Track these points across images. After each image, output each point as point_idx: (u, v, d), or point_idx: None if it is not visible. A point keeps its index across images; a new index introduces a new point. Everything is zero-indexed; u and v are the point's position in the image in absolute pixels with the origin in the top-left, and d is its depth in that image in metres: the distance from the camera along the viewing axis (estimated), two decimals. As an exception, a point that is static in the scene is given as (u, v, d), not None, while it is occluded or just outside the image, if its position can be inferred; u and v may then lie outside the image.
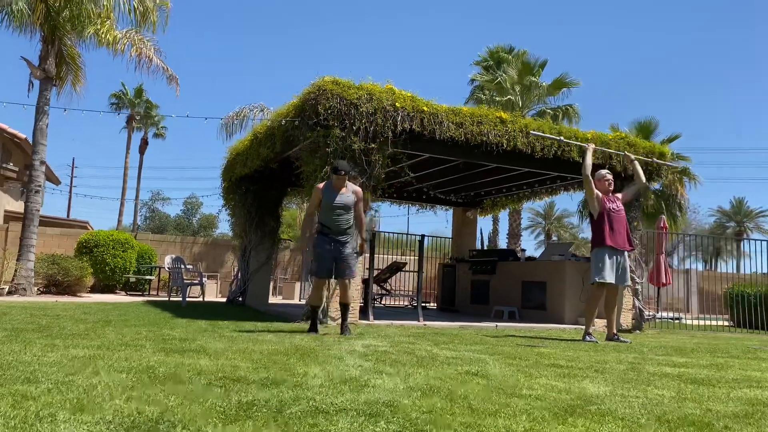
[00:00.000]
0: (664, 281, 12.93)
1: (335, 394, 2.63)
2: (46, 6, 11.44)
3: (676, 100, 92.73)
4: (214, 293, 15.35)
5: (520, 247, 19.72)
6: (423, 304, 10.42)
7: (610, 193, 6.77)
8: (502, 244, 23.31)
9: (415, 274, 10.02)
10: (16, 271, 11.23)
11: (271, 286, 13.58)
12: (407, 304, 13.77)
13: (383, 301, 13.31)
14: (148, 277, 14.60)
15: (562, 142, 7.01)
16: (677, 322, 12.05)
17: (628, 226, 6.73)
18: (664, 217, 14.00)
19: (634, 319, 9.01)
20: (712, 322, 12.11)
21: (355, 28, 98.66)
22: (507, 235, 22.00)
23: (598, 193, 6.64)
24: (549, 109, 20.75)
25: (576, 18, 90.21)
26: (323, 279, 5.73)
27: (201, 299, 11.90)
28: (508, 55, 21.79)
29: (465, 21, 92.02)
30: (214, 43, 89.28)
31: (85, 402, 2.26)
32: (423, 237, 8.67)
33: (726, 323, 12.91)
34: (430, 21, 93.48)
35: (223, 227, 51.45)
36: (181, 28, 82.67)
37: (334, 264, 5.69)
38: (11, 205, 22.13)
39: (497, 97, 20.44)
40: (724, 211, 49.99)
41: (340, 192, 5.68)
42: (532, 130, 7.17)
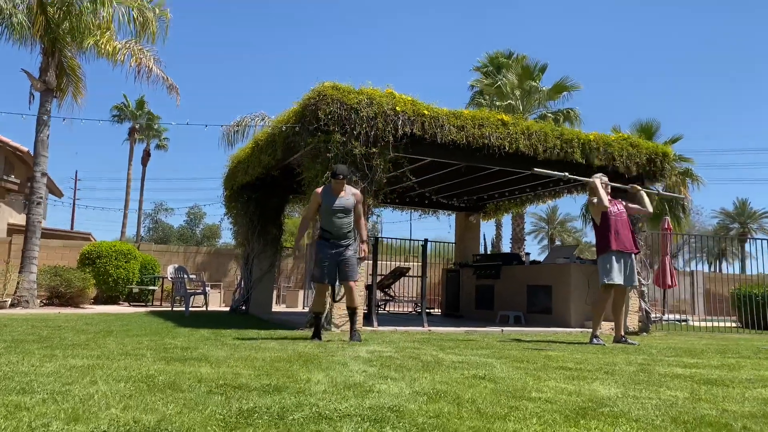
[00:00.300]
0: (670, 283, 12.84)
1: (339, 399, 2.55)
2: (46, 18, 11.44)
3: (679, 102, 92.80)
4: (217, 302, 15.28)
5: (524, 251, 19.62)
6: (427, 310, 10.34)
7: (608, 195, 6.68)
8: (506, 248, 23.22)
9: (418, 279, 9.94)
10: (18, 283, 11.17)
11: (274, 294, 13.50)
12: (411, 310, 13.67)
13: (387, 308, 13.22)
14: (151, 287, 14.54)
15: (567, 178, 6.95)
16: (684, 323, 11.94)
17: (632, 228, 6.64)
18: (668, 218, 13.91)
19: (640, 321, 8.91)
20: (719, 323, 11.99)
21: (355, 37, 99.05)
22: (510, 239, 21.90)
23: (608, 208, 6.47)
24: (550, 113, 20.68)
25: (576, 21, 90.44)
26: (325, 284, 5.67)
27: (204, 309, 11.84)
28: (508, 60, 21.74)
29: (463, 27, 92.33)
30: (215, 52, 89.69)
31: (80, 412, 2.19)
32: (426, 242, 8.59)
33: (733, 324, 12.78)
34: (429, 28, 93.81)
35: (226, 236, 51.38)
36: (181, 38, 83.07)
37: (336, 268, 5.63)
38: (14, 218, 22.12)
39: (497, 102, 20.38)
40: (727, 213, 49.88)
41: (339, 196, 5.64)
42: (538, 163, 6.99)
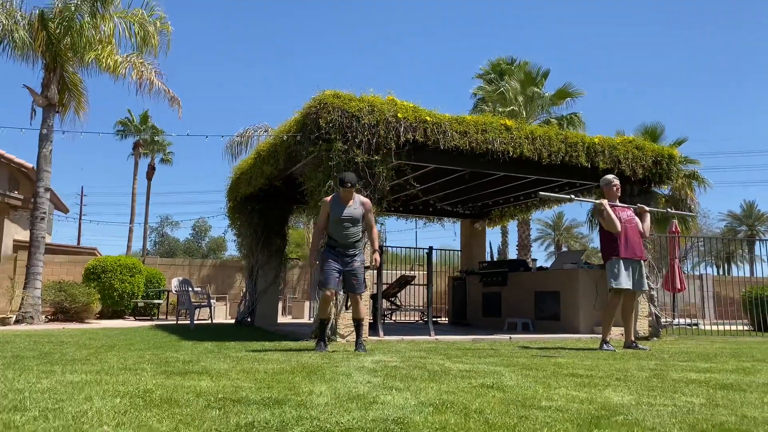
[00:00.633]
0: (679, 287, 12.68)
1: (341, 412, 2.46)
2: (47, 34, 11.47)
3: (684, 104, 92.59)
4: (223, 315, 15.19)
5: (531, 257, 19.48)
6: (434, 319, 10.22)
7: (617, 199, 6.58)
8: (512, 255, 23.07)
9: (425, 288, 9.84)
10: (23, 299, 11.13)
11: (280, 305, 13.41)
12: (418, 319, 13.55)
13: (393, 317, 13.11)
14: (157, 301, 14.47)
15: (575, 200, 6.87)
16: (695, 327, 11.77)
17: (640, 234, 6.51)
18: (675, 221, 13.77)
19: (651, 326, 8.77)
20: (730, 327, 11.81)
21: (356, 48, 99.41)
22: (517, 246, 21.78)
23: (617, 224, 6.33)
24: (553, 119, 20.60)
25: (577, 25, 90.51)
26: (330, 291, 5.56)
27: (210, 321, 11.75)
28: (510, 67, 21.71)
29: (465, 36, 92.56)
30: (217, 65, 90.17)
31: (71, 429, 2.10)
32: (431, 249, 8.50)
33: (745, 327, 12.59)
34: (430, 37, 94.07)
35: (232, 248, 51.46)
36: (184, 51, 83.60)
37: (342, 277, 5.55)
38: (20, 234, 22.09)
39: (500, 109, 20.32)
40: (735, 215, 49.58)
41: (348, 205, 5.56)
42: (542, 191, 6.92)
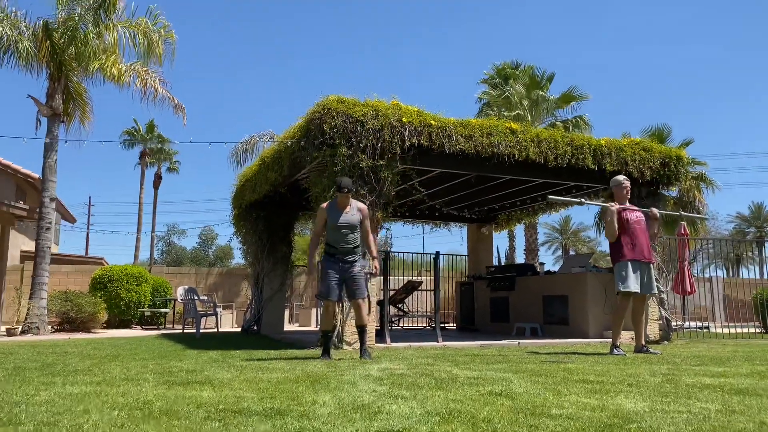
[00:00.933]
0: (689, 290, 12.53)
1: (344, 423, 2.39)
2: (52, 44, 11.49)
3: (691, 107, 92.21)
4: (230, 323, 15.13)
5: (538, 261, 19.36)
6: (442, 324, 10.13)
7: (627, 201, 6.48)
8: (520, 260, 22.92)
9: (432, 294, 9.76)
10: (28, 309, 11.10)
11: (286, 313, 13.35)
12: (425, 325, 13.45)
13: (400, 323, 13.01)
14: (163, 310, 14.44)
15: (584, 203, 6.79)
16: (705, 330, 11.62)
17: (648, 236, 6.41)
18: (684, 223, 13.62)
19: (661, 329, 8.64)
20: (742, 329, 11.65)
21: (361, 53, 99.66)
22: (524, 250, 21.63)
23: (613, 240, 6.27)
24: (559, 122, 20.51)
25: (579, 27, 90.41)
26: (332, 301, 5.50)
27: (216, 330, 11.70)
28: (515, 71, 21.65)
29: (469, 41, 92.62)
30: (218, 69, 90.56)
31: (66, 444, 2.04)
32: (437, 254, 8.42)
33: (756, 330, 12.43)
34: (435, 42, 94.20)
35: (238, 256, 51.43)
36: (189, 59, 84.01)
37: (343, 285, 5.48)
38: (27, 245, 22.15)
39: (506, 113, 20.24)
40: (743, 217, 49.26)
41: (345, 211, 5.49)
42: (550, 196, 6.82)
